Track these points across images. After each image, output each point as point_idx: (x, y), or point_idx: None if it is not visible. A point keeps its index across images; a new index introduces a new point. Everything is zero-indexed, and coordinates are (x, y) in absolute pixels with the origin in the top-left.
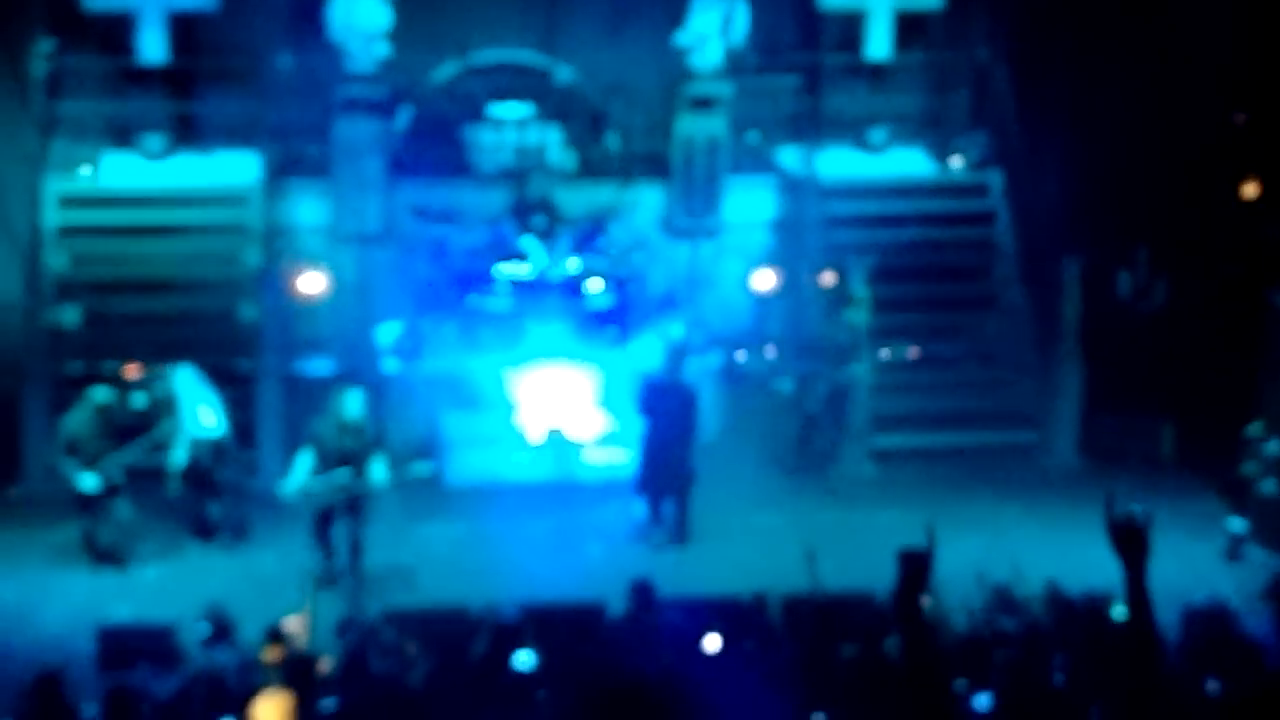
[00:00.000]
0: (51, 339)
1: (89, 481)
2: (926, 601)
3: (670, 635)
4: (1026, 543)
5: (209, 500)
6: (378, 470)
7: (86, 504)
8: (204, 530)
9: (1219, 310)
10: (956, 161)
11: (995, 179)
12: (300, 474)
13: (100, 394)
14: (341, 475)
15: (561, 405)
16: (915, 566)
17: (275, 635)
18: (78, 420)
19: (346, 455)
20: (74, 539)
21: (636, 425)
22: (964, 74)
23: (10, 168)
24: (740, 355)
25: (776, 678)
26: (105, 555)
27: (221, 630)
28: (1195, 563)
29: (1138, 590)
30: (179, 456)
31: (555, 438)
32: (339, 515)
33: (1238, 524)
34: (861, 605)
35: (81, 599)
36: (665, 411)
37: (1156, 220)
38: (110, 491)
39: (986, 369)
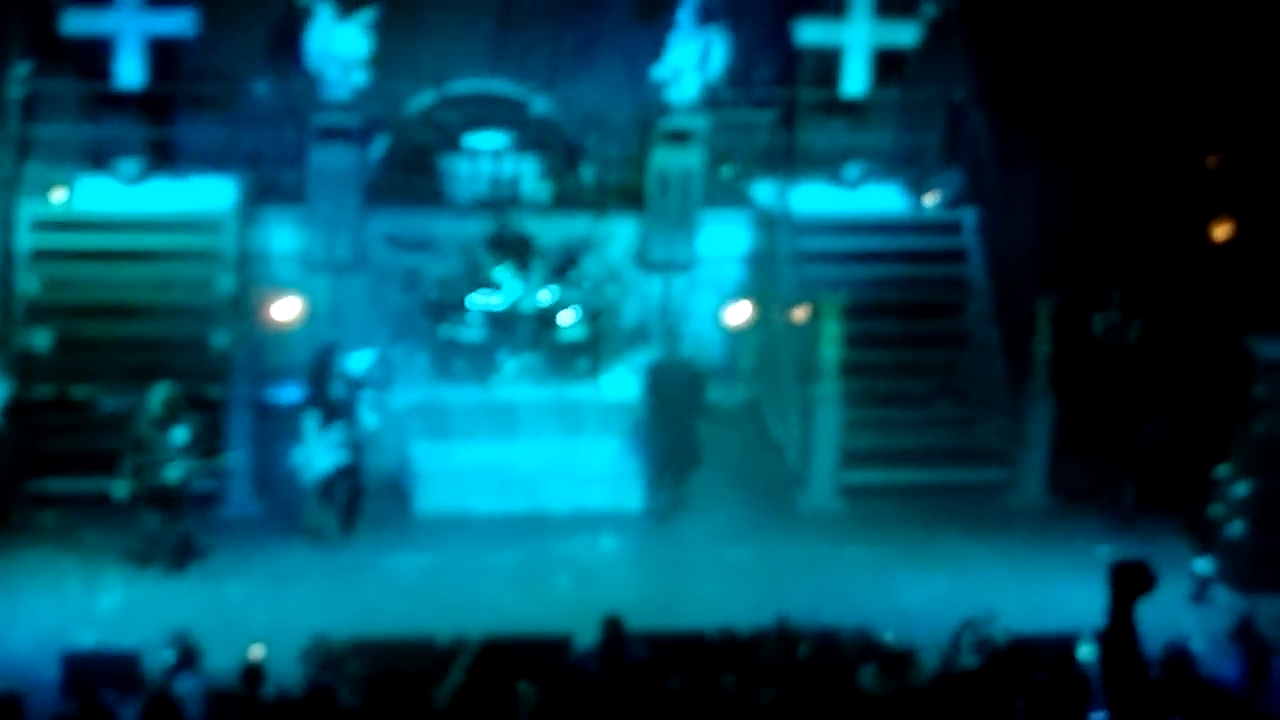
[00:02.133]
0: (22, 363)
1: (120, 489)
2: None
3: (638, 670)
4: (994, 581)
5: (175, 521)
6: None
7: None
8: (183, 553)
9: (1190, 351)
10: (931, 198)
11: (969, 216)
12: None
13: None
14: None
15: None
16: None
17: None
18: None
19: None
20: (39, 563)
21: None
22: (939, 111)
23: None
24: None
25: (749, 714)
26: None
27: (186, 658)
28: (1162, 604)
29: (1126, 631)
30: (171, 474)
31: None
32: None
33: (1204, 565)
34: (829, 641)
35: (46, 624)
36: (671, 391)
37: (1130, 260)
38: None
39: (957, 406)
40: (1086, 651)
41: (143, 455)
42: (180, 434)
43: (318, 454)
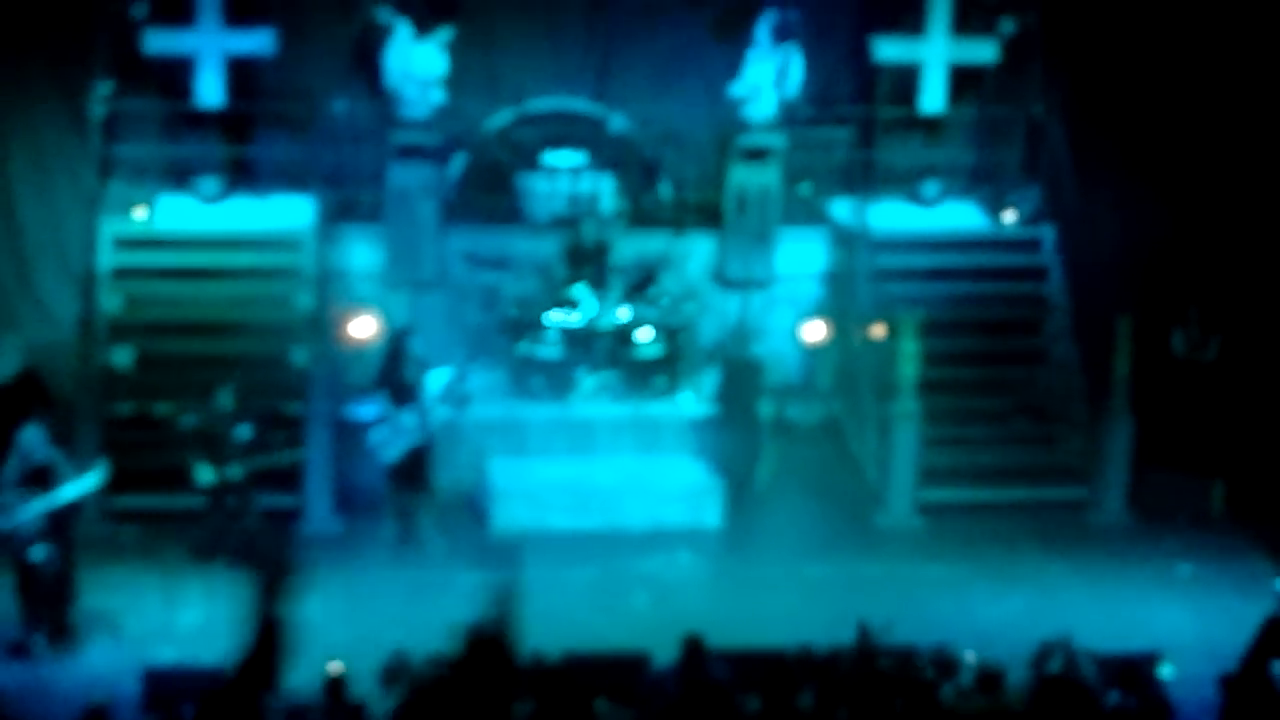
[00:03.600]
0: (104, 380)
1: (205, 474)
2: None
3: (718, 688)
4: (1074, 600)
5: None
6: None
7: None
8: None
9: (1272, 368)
10: (1009, 216)
11: (1048, 233)
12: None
13: (224, 399)
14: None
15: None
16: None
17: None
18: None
19: None
20: (120, 579)
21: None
22: (1018, 128)
23: (68, 208)
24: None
25: None
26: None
27: None
28: (1243, 623)
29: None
30: (234, 471)
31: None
32: None
33: None
34: (905, 659)
35: (127, 640)
36: (740, 386)
37: (1211, 277)
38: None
39: (1036, 424)
40: (1167, 671)
41: (209, 451)
42: (244, 431)
43: (392, 435)
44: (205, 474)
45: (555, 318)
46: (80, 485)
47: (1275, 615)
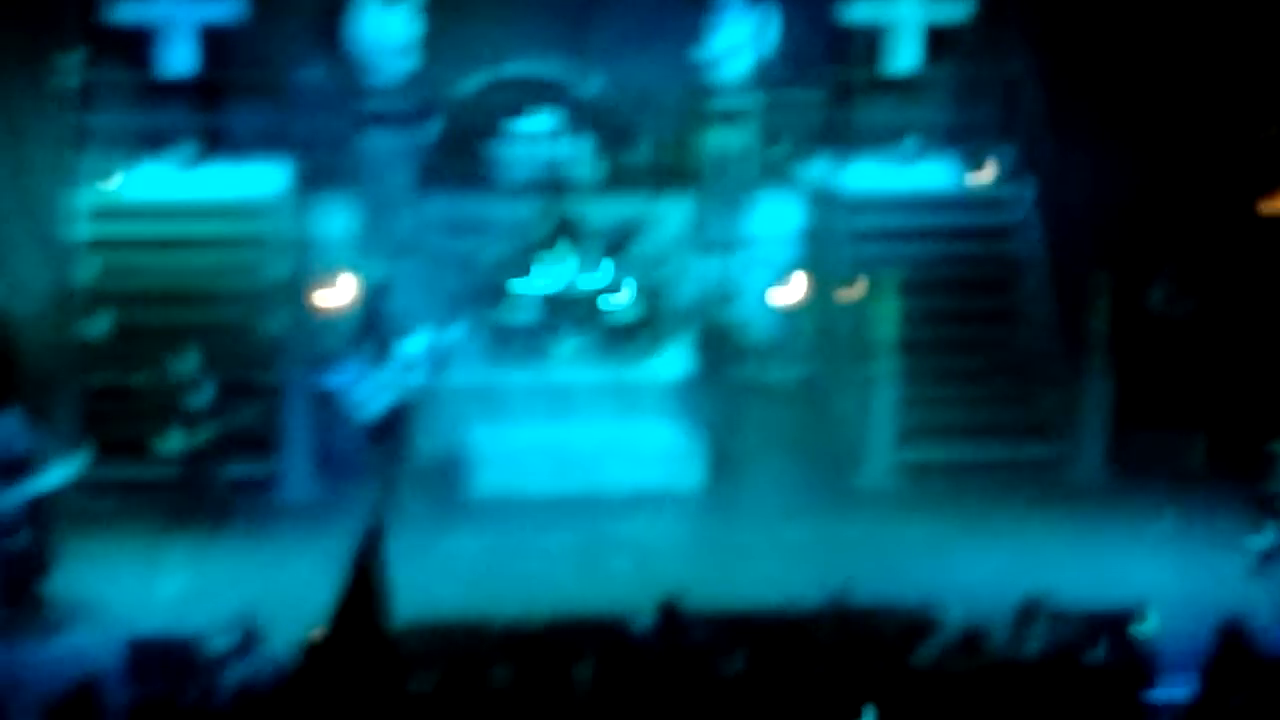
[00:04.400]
0: (80, 351)
1: (173, 441)
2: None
3: (697, 650)
4: (1054, 557)
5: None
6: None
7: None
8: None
9: (1250, 323)
10: (985, 174)
11: (1024, 191)
12: None
13: (186, 363)
14: None
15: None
16: None
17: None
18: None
19: None
20: (99, 551)
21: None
22: (994, 86)
23: (40, 180)
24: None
25: (808, 692)
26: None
27: (249, 641)
28: (1222, 577)
29: None
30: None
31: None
32: None
33: (1263, 539)
34: (887, 618)
35: (110, 612)
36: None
37: (1187, 232)
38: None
39: (1014, 382)
40: (1149, 626)
41: (169, 417)
42: (204, 396)
43: (372, 390)
44: (170, 442)
45: (532, 282)
46: (59, 472)
47: None
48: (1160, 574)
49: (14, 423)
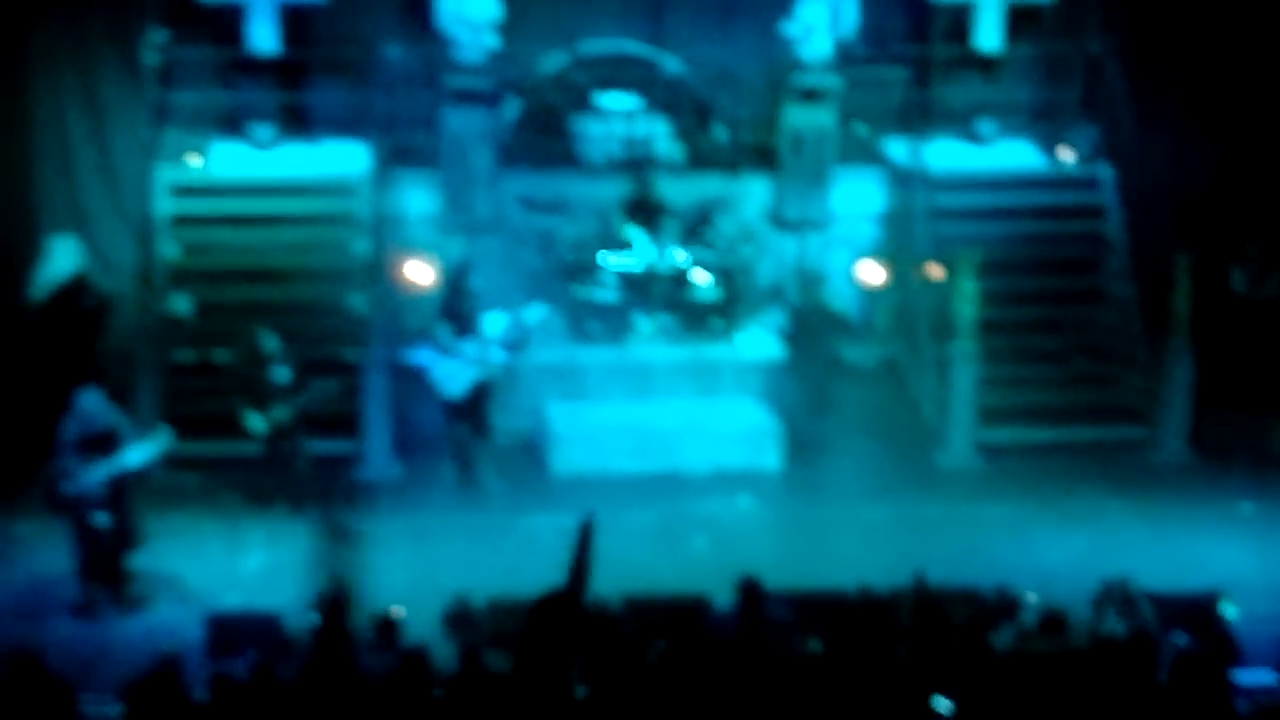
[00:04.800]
0: (163, 328)
1: (256, 422)
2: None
3: (776, 630)
4: (1134, 540)
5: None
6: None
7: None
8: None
9: None
10: (1067, 154)
11: (1106, 172)
12: None
13: (268, 341)
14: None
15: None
16: None
17: (385, 624)
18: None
19: None
20: (182, 527)
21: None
22: (1076, 65)
23: (124, 157)
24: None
25: (887, 673)
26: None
27: (329, 618)
28: None
29: None
30: (279, 414)
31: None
32: None
33: None
34: (967, 600)
35: (191, 588)
36: (812, 336)
37: (1270, 213)
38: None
39: (1095, 363)
40: (1230, 610)
41: (250, 395)
42: (283, 373)
43: (455, 367)
44: (255, 421)
45: (612, 261)
46: (143, 451)
47: None
48: (1242, 557)
49: (97, 399)
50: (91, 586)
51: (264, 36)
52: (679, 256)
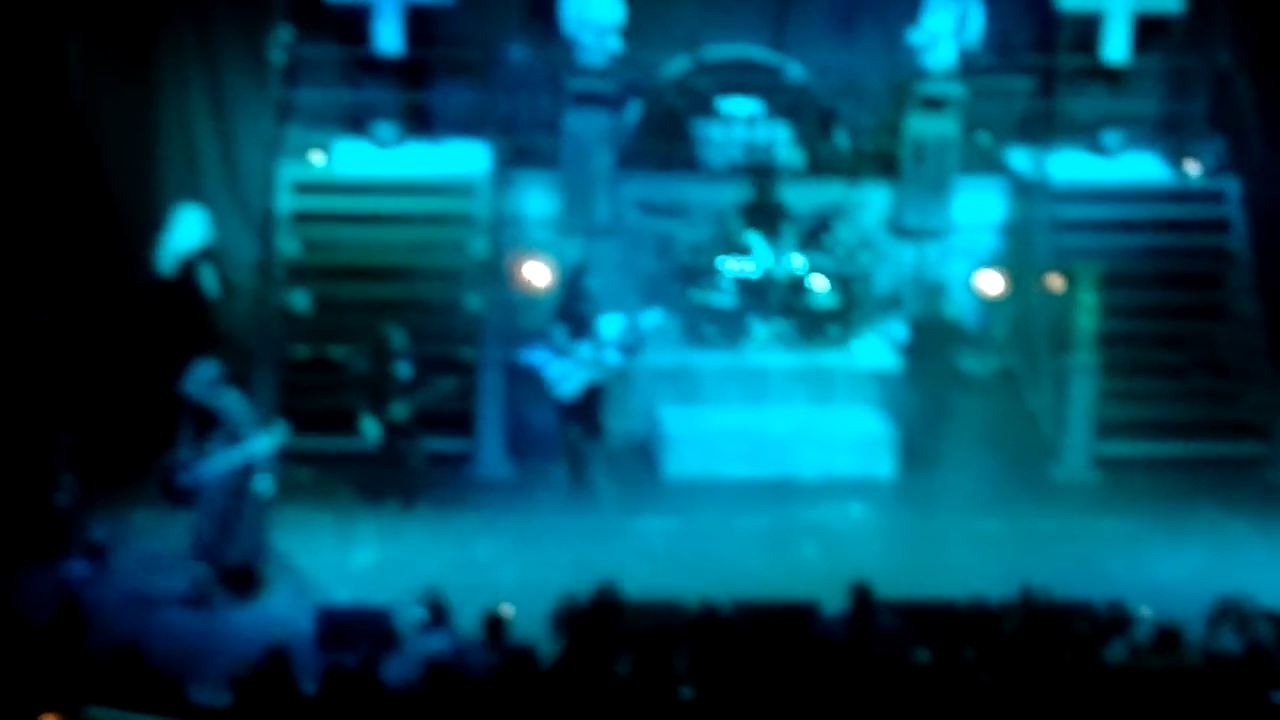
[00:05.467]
0: (282, 323)
1: (371, 429)
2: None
3: (886, 639)
4: (1253, 558)
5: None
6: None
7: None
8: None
9: None
10: (1192, 167)
11: (1232, 186)
12: None
13: (397, 338)
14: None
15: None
16: None
17: (494, 621)
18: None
19: None
20: (295, 520)
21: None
22: (1203, 78)
23: (249, 153)
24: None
25: (997, 684)
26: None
27: (437, 616)
28: None
29: None
30: (399, 411)
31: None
32: None
33: None
34: (1079, 613)
35: (303, 580)
36: (932, 348)
37: None
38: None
39: (1216, 379)
40: None
41: (374, 392)
42: (404, 369)
43: (570, 368)
44: (371, 426)
45: (729, 266)
46: (260, 444)
47: None
48: None
49: (212, 373)
50: (206, 576)
51: (389, 36)
52: (797, 262)
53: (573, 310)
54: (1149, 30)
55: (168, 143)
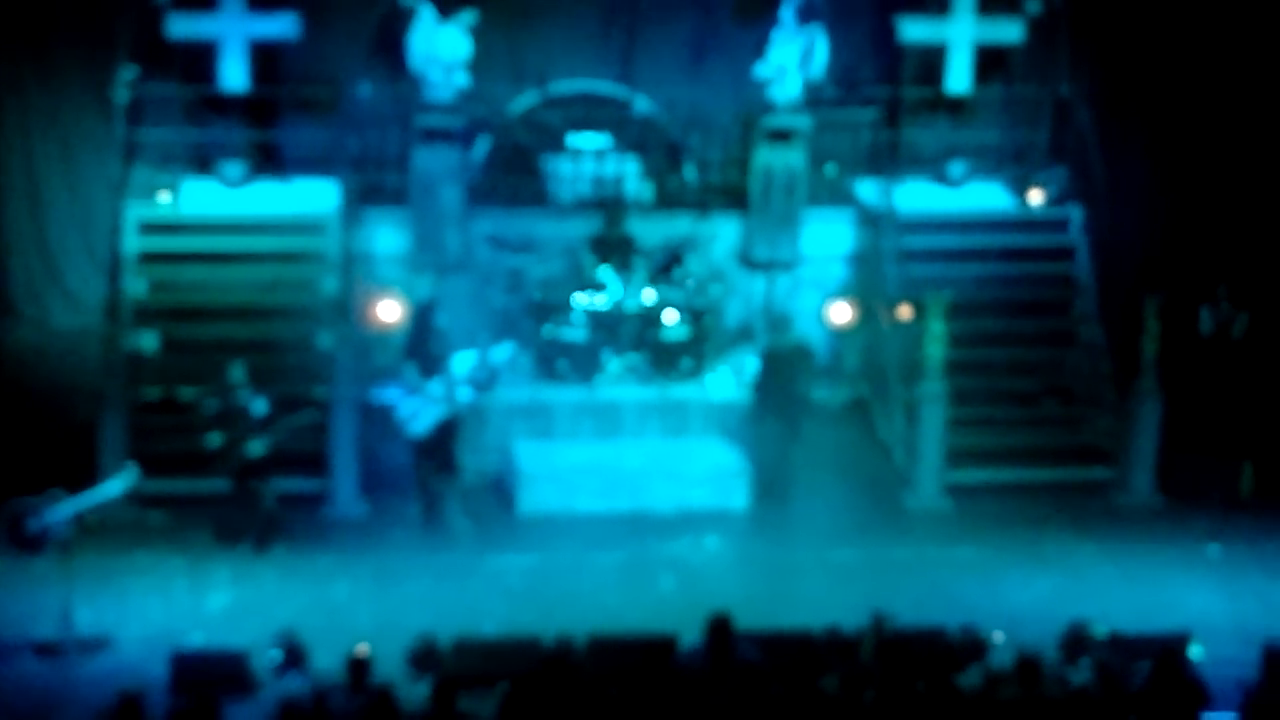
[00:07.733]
0: (130, 364)
1: (214, 440)
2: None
3: (744, 670)
4: (1103, 581)
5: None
6: None
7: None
8: (268, 532)
9: None
10: (1036, 196)
11: (1075, 214)
12: None
13: (237, 374)
14: None
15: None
16: None
17: (357, 663)
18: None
19: None
20: (147, 563)
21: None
22: (1045, 108)
23: (94, 193)
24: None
25: (853, 713)
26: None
27: (294, 657)
28: (1274, 603)
29: None
30: (255, 448)
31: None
32: None
33: None
34: (934, 640)
35: (155, 624)
36: (783, 375)
37: (1237, 256)
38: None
39: (1064, 405)
40: (1196, 652)
41: (226, 429)
42: (260, 405)
43: (422, 405)
44: (214, 439)
45: (581, 300)
46: (111, 486)
47: None
48: (1209, 600)
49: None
50: (62, 623)
51: (235, 74)
52: (648, 296)
53: (423, 347)
54: (991, 62)
55: (11, 184)
